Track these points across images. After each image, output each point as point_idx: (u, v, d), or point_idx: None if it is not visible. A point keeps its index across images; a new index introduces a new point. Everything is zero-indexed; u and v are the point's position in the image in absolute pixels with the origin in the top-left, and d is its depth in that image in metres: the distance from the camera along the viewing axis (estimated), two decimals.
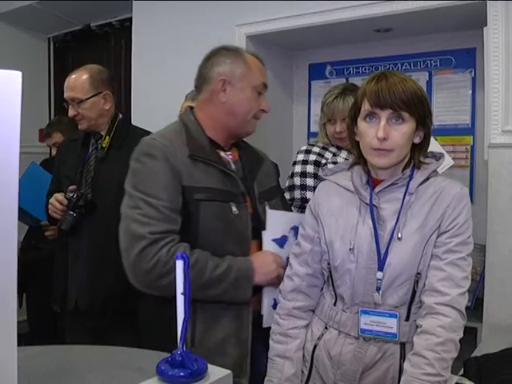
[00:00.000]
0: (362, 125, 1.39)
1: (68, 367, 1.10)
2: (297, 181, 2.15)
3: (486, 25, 2.34)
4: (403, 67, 2.95)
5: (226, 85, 1.66)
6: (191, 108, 1.74)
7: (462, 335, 1.35)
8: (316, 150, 2.21)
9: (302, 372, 1.50)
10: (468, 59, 2.79)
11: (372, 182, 1.44)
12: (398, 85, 1.34)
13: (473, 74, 2.80)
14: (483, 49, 2.39)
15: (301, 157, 2.22)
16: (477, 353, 1.85)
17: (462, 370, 1.68)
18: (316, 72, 3.23)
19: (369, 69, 3.05)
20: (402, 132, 1.35)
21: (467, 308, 2.47)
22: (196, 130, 1.66)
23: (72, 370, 1.09)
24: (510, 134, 2.30)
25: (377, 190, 1.42)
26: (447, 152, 2.54)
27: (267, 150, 3.00)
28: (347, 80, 3.04)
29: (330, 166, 2.08)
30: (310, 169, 2.15)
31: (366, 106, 1.37)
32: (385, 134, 1.33)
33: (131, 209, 1.54)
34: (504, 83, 2.31)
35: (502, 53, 2.31)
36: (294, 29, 2.78)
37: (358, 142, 1.43)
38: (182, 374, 0.93)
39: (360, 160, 1.46)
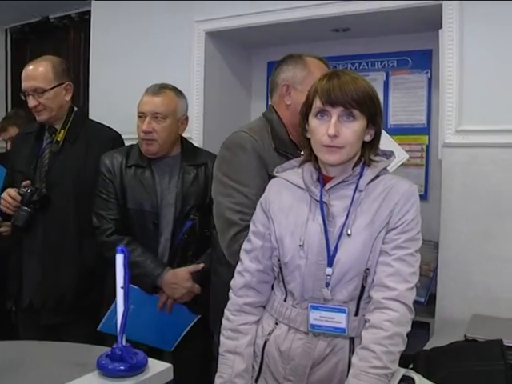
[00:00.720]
0: (313, 122, 1.40)
1: (8, 363, 1.09)
2: None
3: (441, 27, 2.40)
4: (361, 67, 2.99)
5: (289, 89, 1.87)
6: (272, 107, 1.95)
7: (409, 329, 1.38)
8: None
9: (253, 367, 1.51)
10: (424, 60, 2.84)
11: (322, 179, 1.45)
12: (349, 83, 1.37)
13: (429, 74, 2.85)
14: (439, 50, 2.45)
15: None
16: (428, 347, 1.90)
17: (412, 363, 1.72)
18: None
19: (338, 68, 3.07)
20: (352, 130, 1.37)
21: (421, 303, 2.56)
22: (279, 127, 1.87)
23: (13, 366, 1.07)
24: (463, 134, 2.36)
25: (327, 187, 1.44)
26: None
27: None
28: None
29: None
30: None
31: (317, 104, 1.39)
32: (335, 131, 1.35)
33: (224, 197, 1.75)
34: (458, 84, 2.37)
35: (455, 55, 2.37)
36: (253, 26, 2.78)
37: (309, 139, 1.45)
38: (121, 367, 0.94)
39: (311, 157, 1.47)
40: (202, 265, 2.15)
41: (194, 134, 2.95)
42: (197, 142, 2.90)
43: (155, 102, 2.15)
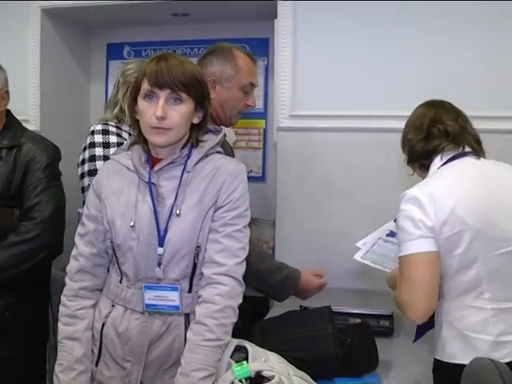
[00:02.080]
0: (141, 104, 1.41)
1: None
2: (99, 165, 2.01)
3: (277, 17, 2.52)
4: (200, 52, 3.02)
5: (215, 84, 1.91)
6: None
7: (240, 301, 1.45)
8: (113, 130, 2.09)
9: (93, 352, 1.50)
10: (262, 48, 2.97)
11: (152, 161, 1.48)
12: (177, 66, 1.40)
13: (266, 62, 2.99)
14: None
15: (99, 138, 2.07)
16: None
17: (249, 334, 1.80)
18: (114, 52, 3.19)
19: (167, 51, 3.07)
20: (180, 112, 1.40)
21: None
22: None
23: None
24: (296, 119, 2.53)
25: (156, 168, 1.46)
26: (241, 134, 2.71)
27: (63, 129, 2.92)
28: None
29: None
30: (113, 151, 1.94)
31: (145, 86, 1.40)
32: (163, 113, 1.37)
33: None
34: (291, 72, 2.52)
35: (289, 44, 2.51)
36: (91, 6, 2.71)
37: (138, 121, 1.45)
38: None
39: (140, 139, 1.49)
40: None
41: (31, 117, 2.81)
42: (34, 125, 2.77)
43: None
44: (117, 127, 2.09)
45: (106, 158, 1.98)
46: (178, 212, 1.42)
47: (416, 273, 1.47)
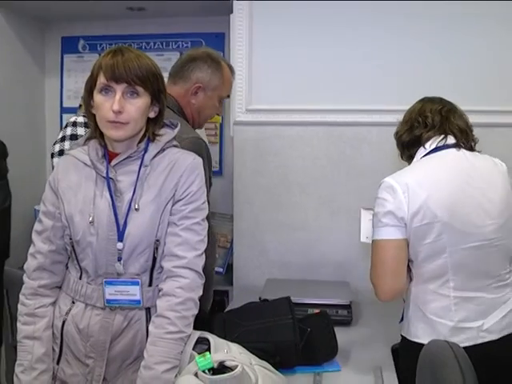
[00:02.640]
0: (97, 98, 1.40)
1: None
2: None
3: (232, 12, 2.53)
4: (156, 46, 3.04)
5: (199, 90, 1.99)
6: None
7: (201, 293, 1.47)
8: None
9: (54, 350, 1.49)
10: (218, 43, 2.97)
11: (108, 156, 1.47)
12: (133, 60, 1.39)
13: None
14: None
15: (82, 131, 2.03)
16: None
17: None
18: (69, 46, 3.14)
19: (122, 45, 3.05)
20: (136, 106, 1.40)
21: (220, 273, 2.70)
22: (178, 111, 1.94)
23: None
24: (252, 113, 2.54)
25: (113, 163, 1.45)
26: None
27: (18, 125, 2.85)
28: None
29: None
30: None
31: (101, 80, 1.39)
32: (120, 107, 1.36)
33: None
34: (247, 66, 2.53)
35: (245, 38, 2.52)
36: None
37: (94, 115, 1.44)
38: None
39: (96, 133, 1.47)
40: None
41: None
42: None
43: None
44: None
45: None
46: (136, 206, 1.42)
47: (383, 257, 1.59)
